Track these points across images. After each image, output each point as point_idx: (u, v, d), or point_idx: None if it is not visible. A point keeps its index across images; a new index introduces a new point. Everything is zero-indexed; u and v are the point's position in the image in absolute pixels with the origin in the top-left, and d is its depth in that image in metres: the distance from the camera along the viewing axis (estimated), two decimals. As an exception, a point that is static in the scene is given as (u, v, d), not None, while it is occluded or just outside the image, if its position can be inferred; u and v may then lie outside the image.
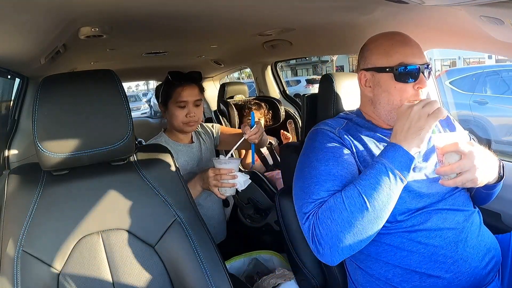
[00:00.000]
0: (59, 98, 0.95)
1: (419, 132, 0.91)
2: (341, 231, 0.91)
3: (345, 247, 0.92)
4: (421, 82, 1.02)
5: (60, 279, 0.93)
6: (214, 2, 1.20)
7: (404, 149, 0.92)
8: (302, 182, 1.04)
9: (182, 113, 1.58)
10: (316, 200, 0.98)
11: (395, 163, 0.92)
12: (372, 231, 0.92)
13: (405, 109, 0.94)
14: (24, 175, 1.00)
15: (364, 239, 0.92)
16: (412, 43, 1.05)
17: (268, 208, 2.08)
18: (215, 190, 1.36)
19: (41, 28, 1.15)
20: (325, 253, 0.94)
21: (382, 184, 0.91)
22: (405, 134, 0.93)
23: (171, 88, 1.60)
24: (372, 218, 0.91)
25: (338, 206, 0.93)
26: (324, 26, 1.60)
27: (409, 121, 0.92)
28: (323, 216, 0.94)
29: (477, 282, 0.99)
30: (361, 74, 1.11)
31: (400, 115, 0.95)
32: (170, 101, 1.60)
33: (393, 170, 0.92)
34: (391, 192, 0.92)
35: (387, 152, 0.94)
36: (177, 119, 1.58)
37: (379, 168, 0.93)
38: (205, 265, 1.00)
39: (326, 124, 1.14)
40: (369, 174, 0.94)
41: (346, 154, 1.04)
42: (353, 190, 0.93)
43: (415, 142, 0.92)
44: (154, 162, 1.10)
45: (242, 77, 20.30)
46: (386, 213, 0.93)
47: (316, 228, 0.95)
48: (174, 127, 1.63)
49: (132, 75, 3.81)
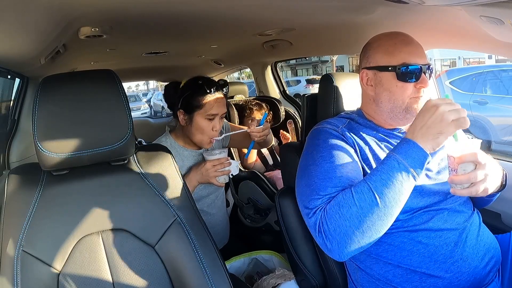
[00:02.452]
0: (59, 98, 0.95)
1: (438, 136, 0.87)
2: (349, 227, 0.89)
3: (353, 243, 0.89)
4: (423, 81, 1.03)
5: (60, 279, 0.93)
6: (214, 2, 1.20)
7: (419, 146, 0.88)
8: (307, 179, 1.02)
9: (209, 126, 1.45)
10: (324, 196, 0.96)
11: (409, 159, 0.88)
12: (382, 228, 0.90)
13: (430, 105, 0.88)
14: (24, 175, 1.00)
15: (373, 236, 0.90)
16: (414, 43, 1.06)
17: (268, 208, 2.08)
18: (214, 180, 1.42)
19: (41, 28, 1.15)
20: (333, 249, 0.92)
21: (393, 180, 0.88)
22: (423, 132, 0.88)
23: (201, 96, 1.44)
24: (382, 215, 0.88)
25: (347, 201, 0.90)
26: (324, 26, 1.60)
27: (432, 120, 0.87)
28: (331, 211, 0.92)
29: (477, 282, 0.99)
30: (363, 72, 1.11)
31: (423, 111, 0.90)
32: (199, 112, 1.45)
33: (406, 166, 0.88)
34: (403, 189, 0.89)
35: (401, 147, 0.90)
36: (204, 132, 1.46)
37: (391, 163, 0.90)
38: (205, 265, 1.00)
39: (328, 122, 1.14)
40: (380, 170, 0.91)
41: (350, 152, 1.04)
42: (363, 185, 0.91)
43: (430, 144, 0.88)
44: (154, 162, 1.10)
45: (242, 77, 20.32)
46: (396, 210, 0.90)
47: (324, 223, 0.92)
48: (195, 138, 1.49)
49: (132, 75, 3.81)
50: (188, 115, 1.47)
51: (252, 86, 3.92)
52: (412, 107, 1.04)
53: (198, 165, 1.46)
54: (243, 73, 20.00)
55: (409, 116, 1.05)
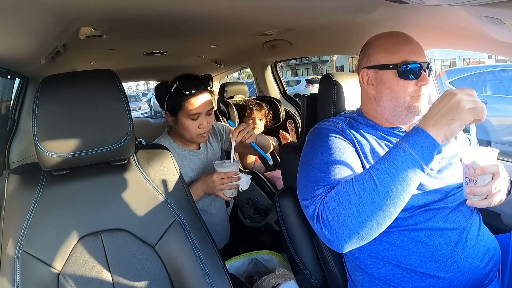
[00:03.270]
0: (59, 98, 0.95)
1: (452, 121, 0.81)
2: (347, 215, 0.84)
3: (352, 234, 0.85)
4: (424, 79, 1.03)
5: (60, 279, 0.93)
6: (214, 2, 1.20)
7: (428, 134, 0.82)
8: (307, 172, 1.01)
9: (195, 125, 1.45)
10: (324, 186, 0.94)
11: (416, 147, 0.83)
12: (383, 220, 0.84)
13: (447, 93, 0.84)
14: (24, 175, 1.00)
15: (374, 228, 0.85)
16: (414, 43, 1.07)
17: (268, 208, 2.08)
18: (220, 194, 1.38)
19: (41, 28, 1.15)
20: (332, 239, 0.88)
21: (397, 169, 0.83)
22: (436, 119, 0.83)
23: (181, 97, 1.43)
24: (383, 205, 0.83)
25: (347, 190, 0.87)
26: (324, 26, 1.60)
27: (447, 107, 0.82)
28: (330, 200, 0.89)
29: (477, 282, 0.99)
30: (363, 72, 1.11)
31: (439, 99, 0.85)
32: (181, 112, 1.45)
33: (412, 155, 0.82)
34: (408, 179, 0.83)
35: (409, 135, 0.85)
36: (190, 132, 1.46)
37: (396, 152, 0.85)
38: (205, 265, 1.00)
39: (328, 120, 1.14)
40: (385, 158, 0.86)
41: (349, 148, 1.04)
42: (365, 173, 0.87)
43: (443, 131, 0.82)
44: (154, 162, 1.10)
45: (242, 77, 20.32)
46: (400, 202, 0.84)
47: (323, 212, 0.89)
48: (185, 138, 1.51)
49: (132, 75, 3.81)
50: (174, 116, 1.49)
51: (252, 86, 3.92)
52: (414, 106, 1.04)
53: (206, 175, 1.42)
54: (243, 73, 20.00)
55: (410, 115, 1.06)
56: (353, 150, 1.04)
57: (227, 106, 2.66)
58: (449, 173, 1.07)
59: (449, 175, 1.07)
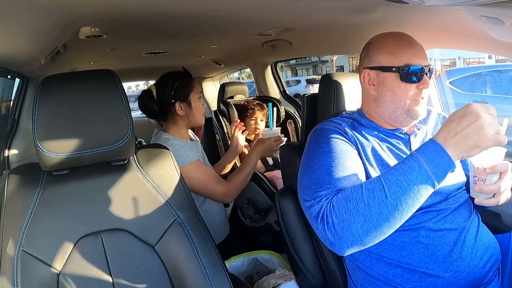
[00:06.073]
0: (59, 98, 0.95)
1: (473, 148, 0.78)
2: (353, 223, 0.84)
3: (356, 240, 0.85)
4: (425, 83, 1.03)
5: (60, 279, 0.93)
6: (214, 2, 1.20)
7: (446, 152, 0.79)
8: (310, 174, 1.00)
9: (201, 105, 1.65)
10: (329, 188, 0.93)
11: (432, 164, 0.80)
12: (387, 229, 0.85)
13: (471, 111, 0.78)
14: (24, 175, 1.00)
15: (378, 236, 0.85)
16: (417, 45, 1.06)
17: (268, 208, 2.08)
18: (274, 154, 1.80)
19: (41, 28, 1.15)
20: (335, 243, 0.88)
21: (410, 183, 0.81)
22: (458, 140, 0.79)
23: (189, 81, 1.63)
24: (390, 217, 0.83)
25: (355, 197, 0.85)
26: (324, 26, 1.60)
27: (471, 129, 0.77)
28: (338, 204, 0.87)
29: (477, 281, 0.99)
30: (365, 72, 1.11)
31: (463, 115, 0.79)
32: (193, 94, 1.61)
33: (427, 171, 0.80)
34: (419, 195, 0.81)
35: (427, 149, 0.81)
36: (200, 112, 1.65)
37: (411, 165, 0.82)
38: (205, 265, 1.00)
39: (330, 121, 1.14)
40: (399, 169, 0.83)
41: (352, 150, 1.03)
42: (376, 182, 0.85)
43: (462, 154, 0.79)
44: (154, 162, 1.10)
45: (242, 77, 20.31)
46: (406, 215, 0.84)
47: (329, 215, 0.88)
48: (196, 121, 1.66)
49: (132, 75, 3.81)
50: (185, 102, 1.61)
51: (252, 86, 3.93)
52: (413, 110, 1.04)
53: (262, 142, 1.76)
54: (243, 73, 20.00)
55: (409, 118, 1.06)
56: (355, 152, 1.04)
57: (227, 106, 2.66)
58: (450, 175, 1.07)
59: (450, 177, 1.07)
